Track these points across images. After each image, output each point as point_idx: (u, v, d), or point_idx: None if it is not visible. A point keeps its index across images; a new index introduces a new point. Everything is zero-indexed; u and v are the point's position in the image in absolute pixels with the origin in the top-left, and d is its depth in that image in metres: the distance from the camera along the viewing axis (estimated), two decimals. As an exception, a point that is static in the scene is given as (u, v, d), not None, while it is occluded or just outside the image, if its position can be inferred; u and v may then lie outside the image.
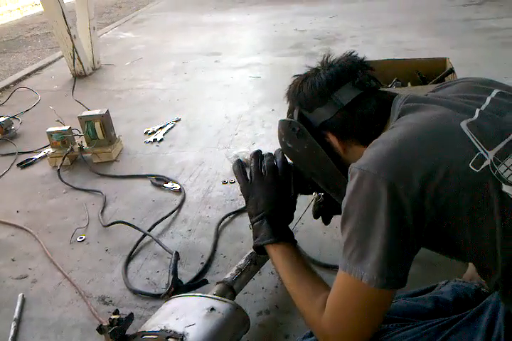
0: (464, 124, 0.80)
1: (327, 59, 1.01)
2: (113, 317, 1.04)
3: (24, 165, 2.27)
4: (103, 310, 1.35)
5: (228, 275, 1.22)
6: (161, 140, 2.39)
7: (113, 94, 3.15)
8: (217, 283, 1.20)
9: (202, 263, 1.49)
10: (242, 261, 1.27)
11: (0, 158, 2.38)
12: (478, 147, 0.78)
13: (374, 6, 5.11)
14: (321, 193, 1.27)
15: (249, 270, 1.26)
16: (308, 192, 1.25)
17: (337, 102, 0.94)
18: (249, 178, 1.17)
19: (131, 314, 1.06)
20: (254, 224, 1.13)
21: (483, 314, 0.93)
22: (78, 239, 1.68)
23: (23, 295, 1.43)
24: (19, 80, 3.64)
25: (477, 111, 0.84)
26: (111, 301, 1.39)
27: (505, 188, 0.76)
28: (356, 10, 5.02)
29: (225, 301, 1.08)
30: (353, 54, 1.01)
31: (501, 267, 0.80)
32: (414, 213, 0.77)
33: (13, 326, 1.32)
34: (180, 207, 1.81)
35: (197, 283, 1.31)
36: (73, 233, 1.70)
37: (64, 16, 3.25)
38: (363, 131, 0.94)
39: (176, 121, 2.60)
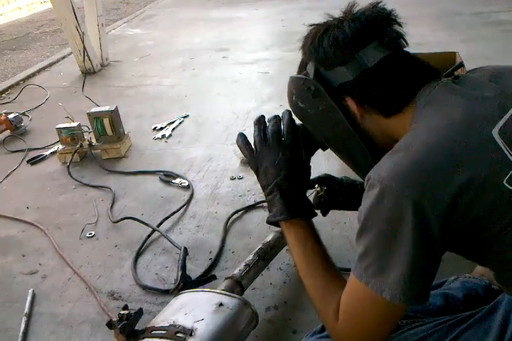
0: (495, 132, 0.73)
1: (351, 8, 0.88)
2: (122, 312, 1.04)
3: (34, 161, 2.28)
4: (112, 305, 1.36)
5: (236, 271, 1.22)
6: (170, 136, 2.40)
7: (122, 90, 3.15)
8: (226, 278, 1.20)
9: (210, 258, 1.50)
10: (251, 257, 1.27)
11: (10, 155, 2.40)
12: None
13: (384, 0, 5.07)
14: (323, 186, 1.24)
15: (258, 266, 1.26)
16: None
17: (361, 62, 0.83)
18: (254, 149, 1.07)
19: (141, 309, 1.06)
20: (267, 197, 1.03)
21: (495, 313, 0.91)
22: (88, 235, 1.69)
23: (33, 291, 1.44)
24: (28, 77, 3.65)
25: (509, 114, 0.76)
26: (120, 296, 1.40)
27: None
28: (365, 4, 4.97)
29: (234, 297, 1.08)
30: (380, 5, 0.89)
31: None
32: (441, 227, 0.73)
33: (23, 321, 1.33)
34: (188, 202, 1.81)
35: (205, 279, 1.32)
36: (83, 229, 1.71)
37: (73, 13, 3.26)
38: (386, 100, 0.85)
39: (185, 117, 2.60)
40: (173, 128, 2.47)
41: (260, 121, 1.09)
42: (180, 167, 2.07)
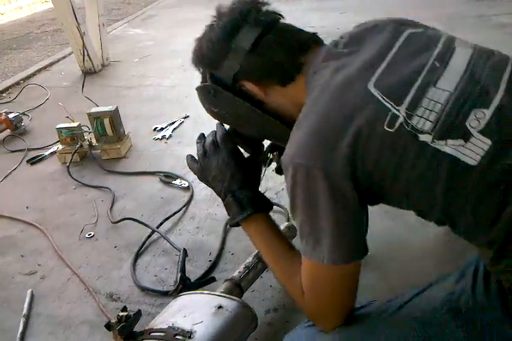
0: (371, 85, 0.80)
1: (218, 10, 0.96)
2: (121, 314, 1.04)
3: (34, 161, 2.28)
4: (111, 306, 1.36)
5: (236, 273, 1.22)
6: (170, 137, 2.39)
7: (122, 90, 3.15)
8: (225, 280, 1.20)
9: (210, 260, 1.49)
10: (250, 259, 1.27)
11: (10, 155, 2.39)
12: (389, 106, 0.77)
13: (386, 2, 5.07)
14: (275, 152, 1.24)
15: (257, 268, 1.26)
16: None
17: (239, 49, 0.91)
18: (199, 165, 1.15)
19: (139, 311, 1.06)
20: (224, 203, 1.10)
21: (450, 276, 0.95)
22: (87, 236, 1.68)
23: (32, 291, 1.44)
24: (29, 77, 3.65)
25: (383, 64, 0.83)
26: (119, 298, 1.39)
27: (422, 137, 0.77)
28: (368, 6, 4.97)
29: (233, 299, 1.08)
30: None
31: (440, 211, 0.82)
32: (353, 186, 0.79)
33: (22, 322, 1.32)
34: (188, 204, 1.81)
35: (205, 281, 1.32)
36: (82, 229, 1.71)
37: (74, 13, 3.25)
38: (275, 71, 0.92)
39: (185, 118, 2.60)
40: (174, 129, 2.47)
41: (200, 138, 1.18)
42: (180, 168, 2.07)
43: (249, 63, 0.92)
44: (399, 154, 0.77)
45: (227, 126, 1.15)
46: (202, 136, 1.20)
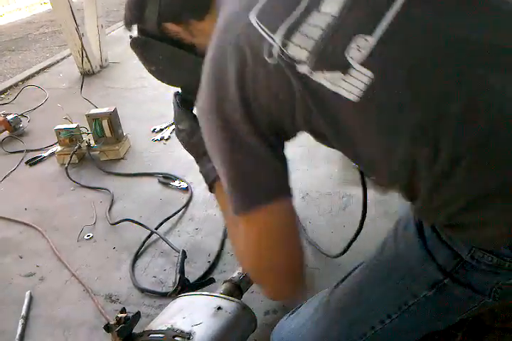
0: (252, 16, 0.74)
1: None
2: (120, 315, 1.04)
3: (32, 162, 2.27)
4: (110, 308, 1.36)
5: (235, 274, 1.22)
6: (169, 138, 2.39)
7: (120, 92, 3.15)
8: (225, 281, 1.20)
9: (209, 261, 1.49)
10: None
11: (8, 156, 2.39)
12: (265, 35, 0.72)
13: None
14: None
15: (257, 269, 1.26)
16: None
17: None
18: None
19: (138, 312, 1.05)
20: (200, 168, 1.15)
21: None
22: (86, 237, 1.68)
23: (30, 293, 1.44)
24: (27, 78, 3.64)
25: None
26: (118, 299, 1.39)
27: (300, 69, 0.71)
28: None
29: (233, 300, 1.08)
30: None
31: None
32: (251, 129, 0.77)
33: (20, 323, 1.32)
34: (187, 205, 1.80)
35: (204, 282, 1.31)
36: (81, 231, 1.70)
37: (73, 14, 3.25)
38: (189, 5, 0.92)
39: (184, 119, 2.59)
40: (172, 130, 2.47)
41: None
42: (179, 169, 2.06)
43: (165, 3, 0.93)
44: (286, 88, 0.73)
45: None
46: (177, 94, 1.24)
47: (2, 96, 3.33)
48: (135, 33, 1.03)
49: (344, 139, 0.77)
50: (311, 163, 1.92)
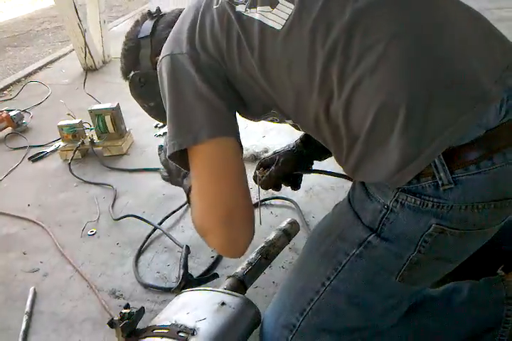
0: None
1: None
2: (124, 311, 1.03)
3: (35, 158, 2.27)
4: (114, 303, 1.35)
5: (239, 270, 1.21)
6: (172, 133, 2.38)
7: (123, 87, 3.08)
8: (228, 277, 1.19)
9: (212, 257, 1.49)
10: (253, 255, 1.26)
11: (11, 152, 2.39)
12: None
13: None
14: (263, 169, 1.33)
15: (260, 264, 1.25)
16: None
17: (145, 38, 1.09)
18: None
19: (142, 308, 1.05)
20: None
21: None
22: (89, 233, 1.68)
23: (34, 289, 1.44)
24: (30, 74, 3.64)
25: None
26: (122, 295, 1.39)
27: (238, 8, 0.87)
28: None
29: (236, 296, 1.07)
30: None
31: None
32: (196, 71, 0.87)
33: (24, 319, 1.32)
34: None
35: (207, 277, 1.31)
36: (84, 226, 1.70)
37: (75, 10, 3.24)
38: None
39: (186, 115, 2.59)
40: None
41: (160, 150, 1.37)
42: (182, 164, 2.06)
43: (156, 40, 1.07)
44: (225, 27, 0.87)
45: None
46: (160, 147, 1.34)
47: (5, 92, 3.33)
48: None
49: (270, 75, 0.86)
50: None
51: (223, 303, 1.04)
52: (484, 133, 0.75)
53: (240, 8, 0.87)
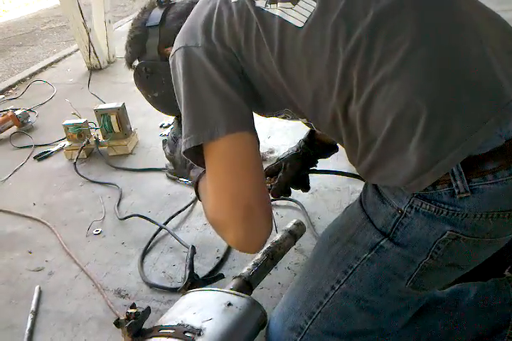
0: None
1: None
2: (130, 311, 1.03)
3: (41, 157, 2.27)
4: (119, 303, 1.35)
5: (245, 270, 1.21)
6: (177, 133, 2.38)
7: (128, 87, 3.12)
8: (234, 277, 1.19)
9: (218, 257, 1.49)
10: (259, 256, 1.26)
11: (17, 151, 2.39)
12: None
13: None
14: (270, 177, 1.35)
15: (266, 265, 1.25)
16: None
17: (153, 27, 1.06)
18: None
19: (148, 308, 1.05)
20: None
21: None
22: (94, 232, 1.68)
23: (39, 288, 1.44)
24: (35, 73, 3.65)
25: None
26: (127, 294, 1.39)
27: (258, 3, 0.85)
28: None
29: (243, 296, 1.07)
30: None
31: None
32: (211, 63, 0.85)
33: (30, 318, 1.32)
34: (196, 200, 1.79)
35: (213, 278, 1.31)
36: (89, 226, 1.70)
37: (80, 9, 3.25)
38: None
39: (191, 115, 2.58)
40: (180, 126, 2.46)
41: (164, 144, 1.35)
42: (187, 164, 2.06)
43: (165, 31, 1.05)
44: (244, 22, 0.86)
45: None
46: (165, 142, 1.33)
47: (10, 91, 3.34)
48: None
49: (289, 73, 0.84)
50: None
51: (230, 304, 1.04)
52: (503, 143, 0.74)
53: (260, 3, 0.85)
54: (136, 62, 1.14)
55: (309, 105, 0.87)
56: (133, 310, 1.03)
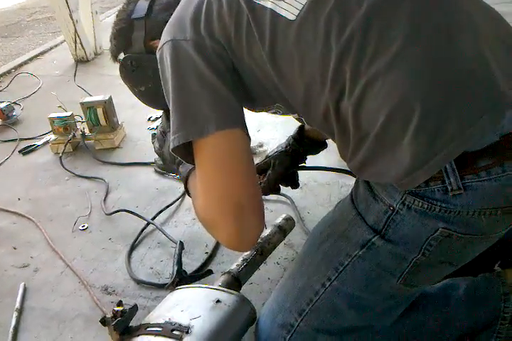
0: None
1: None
2: (117, 308, 1.01)
3: (26, 151, 2.23)
4: (106, 299, 1.33)
5: (234, 266, 1.19)
6: (165, 126, 2.35)
7: (115, 79, 3.05)
8: (223, 273, 1.17)
9: (206, 252, 1.47)
10: (248, 252, 1.24)
11: (1, 145, 2.35)
12: None
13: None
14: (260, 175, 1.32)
15: (255, 260, 1.23)
16: None
17: (139, 19, 1.03)
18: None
19: (135, 305, 1.03)
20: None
21: None
22: (80, 228, 1.65)
23: (24, 284, 1.41)
24: (20, 65, 3.58)
25: None
26: (114, 291, 1.37)
27: None
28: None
29: (231, 293, 1.05)
30: None
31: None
32: (200, 55, 0.83)
33: (14, 316, 1.29)
34: (184, 195, 1.77)
35: (201, 274, 1.29)
36: (75, 221, 1.67)
37: (66, 0, 3.18)
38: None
39: (180, 108, 2.55)
40: (168, 119, 2.42)
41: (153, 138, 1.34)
42: (175, 158, 2.03)
43: (151, 23, 1.02)
44: (234, 14, 0.83)
45: None
46: (153, 135, 1.31)
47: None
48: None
49: (280, 67, 0.82)
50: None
51: (218, 301, 1.02)
52: (498, 140, 0.73)
53: None
54: (122, 55, 1.11)
55: (301, 100, 0.85)
56: (120, 308, 1.01)
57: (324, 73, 0.78)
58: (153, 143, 1.30)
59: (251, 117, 1.19)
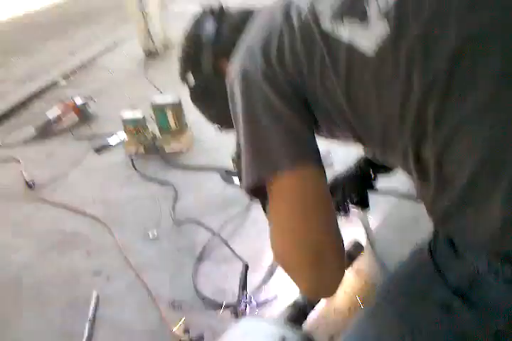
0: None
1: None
2: (183, 339, 1.04)
3: (100, 151, 2.31)
4: (172, 315, 1.36)
5: (299, 297, 1.18)
6: (233, 128, 2.34)
7: (184, 74, 3.10)
8: (289, 306, 1.16)
9: (270, 270, 1.46)
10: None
11: (77, 142, 2.43)
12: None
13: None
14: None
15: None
16: None
17: (207, 42, 1.00)
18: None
19: (202, 336, 1.05)
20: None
21: None
22: (150, 236, 1.70)
23: (97, 293, 1.47)
24: (92, 59, 3.66)
25: None
26: (180, 307, 1.40)
27: (323, 24, 0.77)
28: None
29: (297, 330, 1.04)
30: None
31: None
32: (271, 87, 0.78)
33: (87, 326, 1.36)
34: (250, 205, 1.77)
35: (266, 300, 1.28)
36: (146, 228, 1.72)
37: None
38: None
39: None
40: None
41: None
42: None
43: (219, 48, 0.99)
44: (307, 48, 0.78)
45: None
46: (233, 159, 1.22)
47: (71, 78, 3.36)
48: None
49: (357, 102, 0.76)
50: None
51: (284, 339, 1.02)
52: None
53: (327, 25, 0.76)
54: (190, 77, 1.10)
55: (378, 140, 0.80)
56: (185, 339, 1.04)
57: (404, 116, 0.72)
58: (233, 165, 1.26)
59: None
